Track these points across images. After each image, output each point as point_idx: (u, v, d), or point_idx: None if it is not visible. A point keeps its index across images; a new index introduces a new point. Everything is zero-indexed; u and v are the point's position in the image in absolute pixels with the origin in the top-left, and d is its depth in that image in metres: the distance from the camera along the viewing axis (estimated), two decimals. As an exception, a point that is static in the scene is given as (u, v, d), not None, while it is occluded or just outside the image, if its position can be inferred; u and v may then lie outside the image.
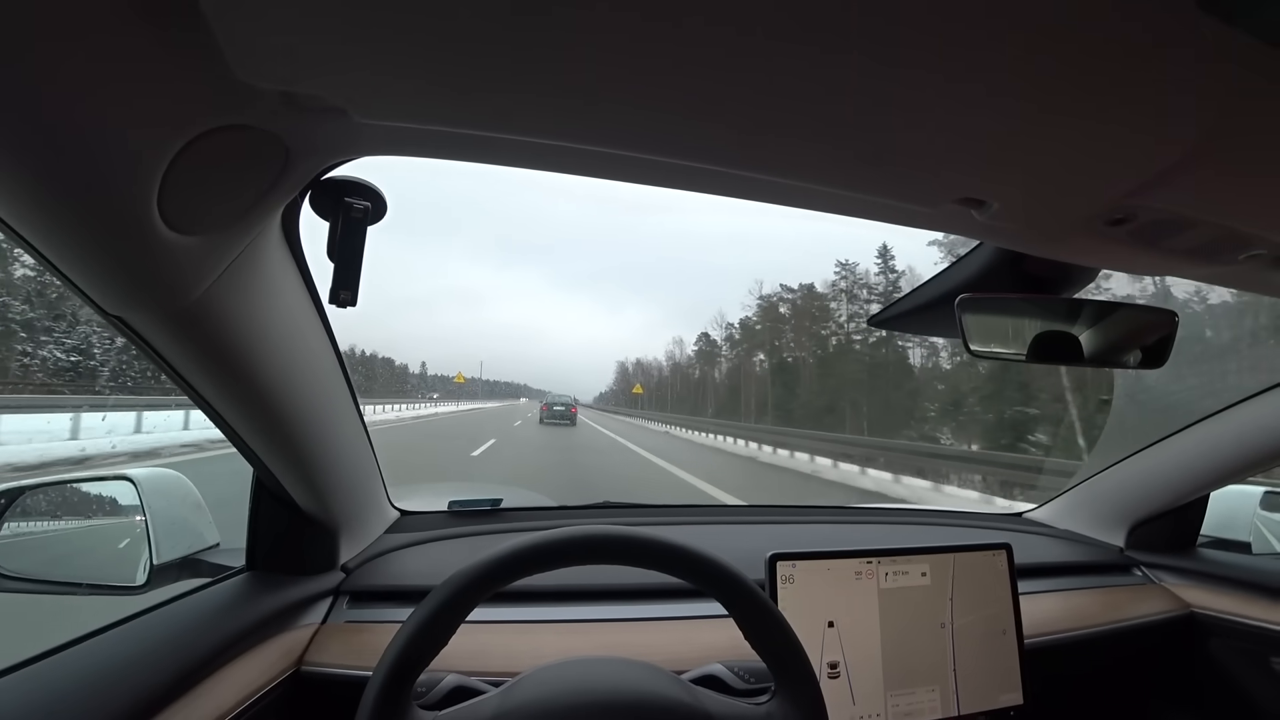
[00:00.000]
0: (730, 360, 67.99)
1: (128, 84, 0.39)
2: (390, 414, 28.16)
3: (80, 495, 1.01)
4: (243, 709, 0.74)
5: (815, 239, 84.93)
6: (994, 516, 1.61)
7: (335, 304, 0.63)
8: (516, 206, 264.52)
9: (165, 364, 0.65)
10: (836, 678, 0.91)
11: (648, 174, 0.57)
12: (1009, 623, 1.01)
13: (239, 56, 0.39)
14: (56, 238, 0.47)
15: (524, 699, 0.64)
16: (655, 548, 0.64)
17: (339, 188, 0.62)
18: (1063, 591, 1.26)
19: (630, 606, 1.03)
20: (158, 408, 14.72)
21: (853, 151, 0.49)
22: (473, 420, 27.53)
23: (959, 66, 0.38)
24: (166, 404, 14.93)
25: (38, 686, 0.62)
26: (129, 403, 16.54)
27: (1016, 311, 0.79)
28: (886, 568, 0.96)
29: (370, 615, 0.97)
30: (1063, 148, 0.46)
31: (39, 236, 0.47)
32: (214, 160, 0.47)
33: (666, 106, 0.43)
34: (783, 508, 1.56)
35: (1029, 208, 0.56)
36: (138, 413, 13.76)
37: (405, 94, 0.44)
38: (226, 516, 1.01)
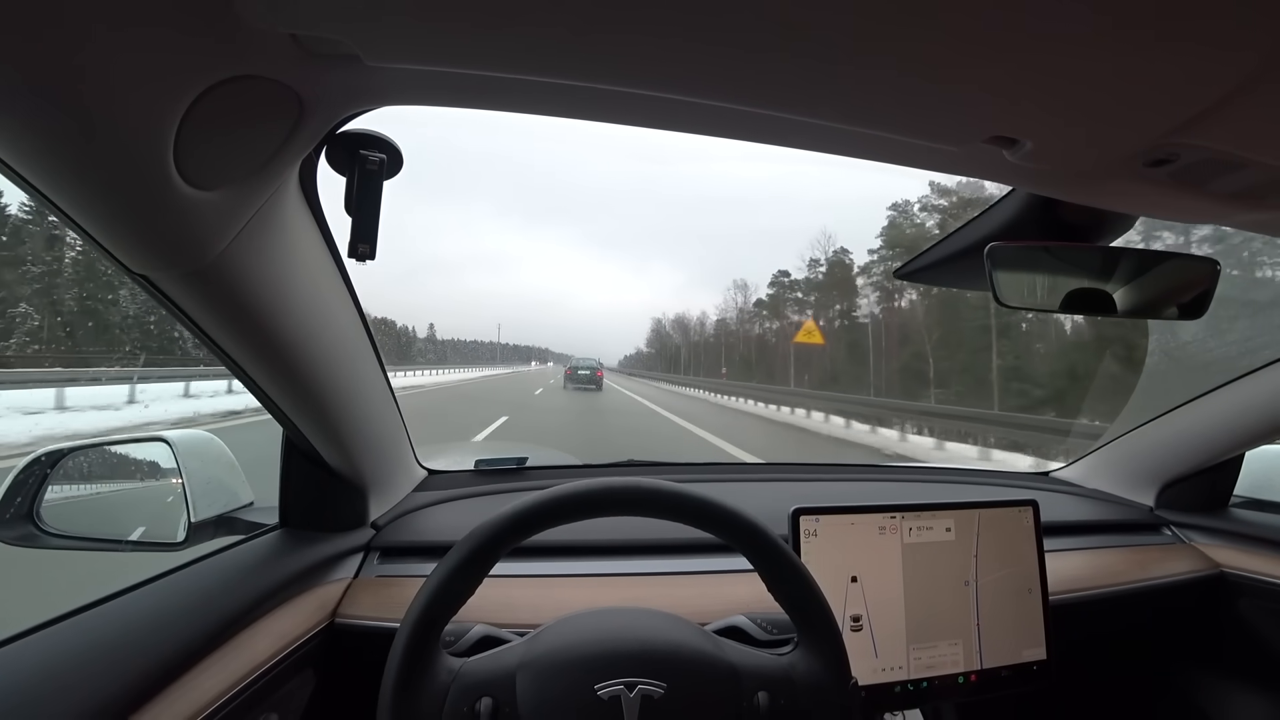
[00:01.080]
0: (785, 322, 60.92)
1: (135, 34, 0.39)
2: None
3: (119, 458, 1.04)
4: (281, 657, 0.77)
5: (858, 197, 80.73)
6: (1020, 475, 1.60)
7: (354, 258, 0.63)
8: (538, 164, 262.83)
9: (192, 323, 0.66)
10: (859, 630, 0.92)
11: (673, 116, 0.55)
12: (1034, 580, 1.00)
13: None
14: (78, 197, 0.48)
15: (548, 646, 0.65)
16: (680, 500, 0.64)
17: (354, 141, 0.62)
18: (1090, 550, 1.25)
19: (653, 561, 1.05)
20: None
21: (876, 85, 0.46)
22: (483, 391, 23.29)
23: None
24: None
25: (86, 636, 0.64)
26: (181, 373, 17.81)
27: (1049, 261, 0.76)
28: (910, 523, 0.96)
29: (400, 570, 1.00)
30: (1105, 77, 0.43)
31: (62, 196, 0.47)
32: (228, 114, 0.47)
33: (692, 38, 0.42)
34: (806, 465, 1.56)
35: (1064, 146, 0.54)
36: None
37: (418, 33, 0.43)
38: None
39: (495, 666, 0.64)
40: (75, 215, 0.49)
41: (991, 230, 0.78)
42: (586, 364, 30.98)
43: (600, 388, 28.44)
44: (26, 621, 0.64)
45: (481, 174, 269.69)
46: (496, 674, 0.63)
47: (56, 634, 0.64)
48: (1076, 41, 0.40)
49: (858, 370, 42.75)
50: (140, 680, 0.61)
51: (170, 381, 16.82)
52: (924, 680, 0.93)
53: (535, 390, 24.38)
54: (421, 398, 17.88)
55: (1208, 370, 1.26)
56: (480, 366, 73.96)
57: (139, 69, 0.40)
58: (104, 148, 0.43)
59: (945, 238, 0.85)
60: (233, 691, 0.68)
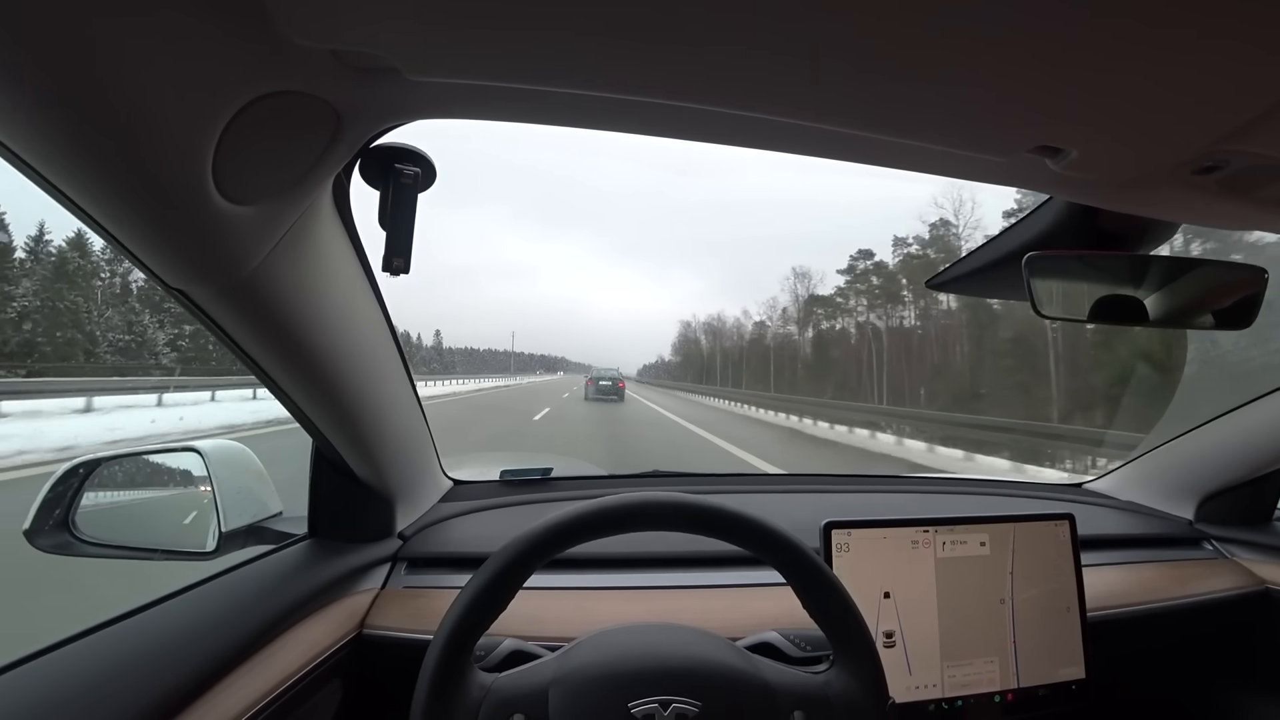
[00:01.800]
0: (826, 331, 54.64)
1: (177, 51, 0.39)
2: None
3: (152, 466, 1.05)
4: (311, 668, 0.77)
5: (888, 203, 77.31)
6: (1053, 487, 1.56)
7: (388, 271, 0.63)
8: (557, 172, 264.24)
9: (226, 337, 0.67)
10: (892, 647, 0.90)
11: (710, 128, 0.55)
12: (1071, 596, 0.98)
13: (283, 13, 0.39)
14: (117, 213, 0.48)
15: (581, 662, 0.65)
16: (713, 514, 0.64)
17: (388, 155, 0.62)
18: (1127, 564, 1.21)
19: (683, 573, 1.04)
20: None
21: (924, 98, 0.46)
22: (481, 408, 18.18)
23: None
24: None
25: (121, 646, 0.65)
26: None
27: (1089, 270, 0.74)
28: (944, 537, 0.94)
29: (427, 581, 1.00)
30: (1156, 84, 0.42)
31: (101, 212, 0.48)
32: (266, 129, 0.47)
33: (732, 50, 0.41)
34: (834, 476, 1.54)
35: (1110, 155, 0.52)
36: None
37: (459, 47, 0.43)
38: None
39: (528, 683, 0.63)
40: (114, 231, 0.50)
41: (1027, 240, 0.77)
42: (608, 374, 30.28)
43: (622, 398, 27.77)
44: (65, 632, 0.65)
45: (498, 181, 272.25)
46: (529, 690, 0.62)
47: (93, 644, 0.65)
48: (1126, 50, 0.39)
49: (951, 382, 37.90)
50: (175, 691, 0.61)
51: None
52: (959, 699, 0.91)
53: (538, 413, 17.11)
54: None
55: (1251, 379, 1.21)
56: (487, 377, 69.73)
57: (180, 85, 0.41)
58: (144, 164, 0.44)
59: (979, 248, 0.83)
60: (264, 702, 0.68)
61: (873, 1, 0.36)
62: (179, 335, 43.34)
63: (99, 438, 8.71)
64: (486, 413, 17.11)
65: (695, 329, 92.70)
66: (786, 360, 58.99)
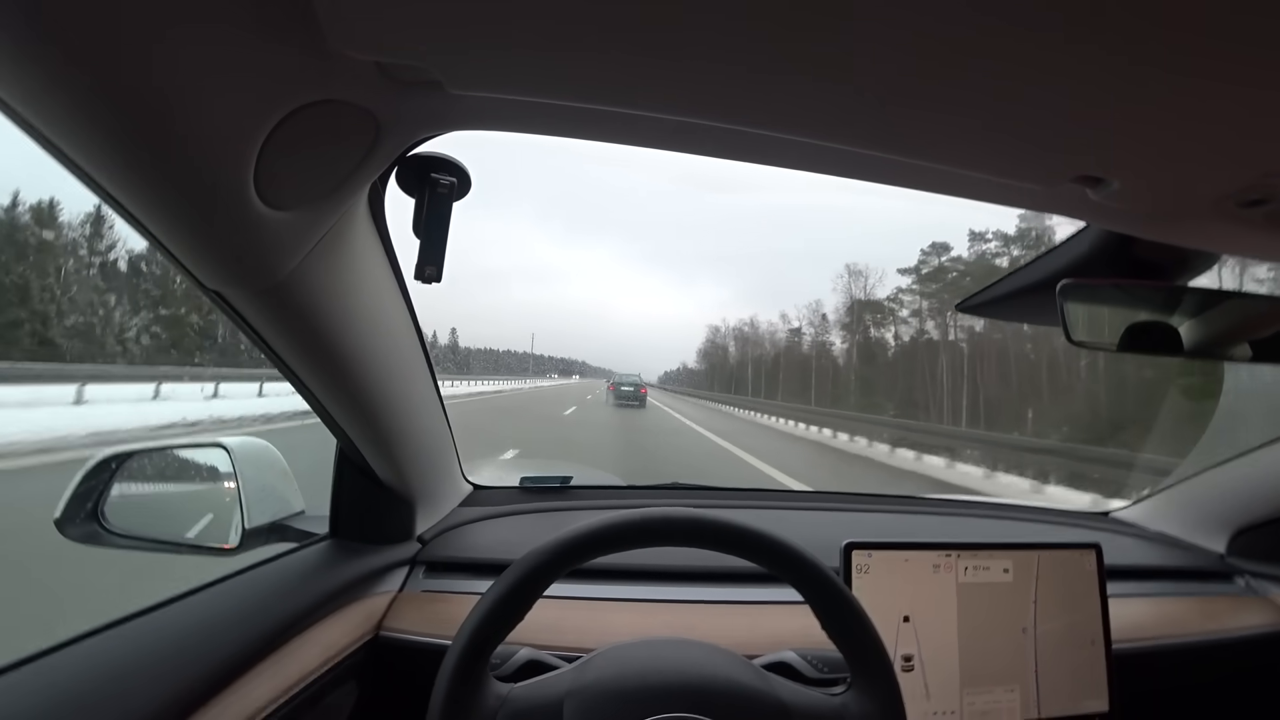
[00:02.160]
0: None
1: (228, 60, 0.40)
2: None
3: (180, 461, 1.07)
4: (328, 669, 0.77)
5: (915, 222, 74.43)
6: (1079, 514, 1.53)
7: (421, 279, 0.64)
8: (586, 178, 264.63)
9: (259, 338, 0.68)
10: (910, 671, 0.89)
11: (744, 148, 0.55)
12: (1096, 628, 0.96)
13: (334, 26, 0.39)
14: (161, 215, 0.49)
15: (597, 676, 0.64)
16: (734, 532, 0.63)
17: (425, 164, 0.63)
18: (1154, 597, 1.18)
19: (701, 588, 1.03)
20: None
21: (965, 124, 0.45)
22: (490, 413, 17.14)
23: (1087, 28, 0.35)
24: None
25: (144, 640, 0.66)
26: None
27: (1125, 299, 0.73)
28: (966, 561, 0.93)
29: (445, 585, 1.00)
30: (1204, 116, 0.42)
31: (145, 213, 0.49)
32: (307, 136, 0.48)
33: (768, 72, 0.41)
34: (855, 495, 1.52)
35: (1154, 186, 0.52)
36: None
37: (501, 62, 0.43)
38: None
39: (543, 694, 0.63)
40: (156, 232, 0.51)
41: (1062, 266, 0.76)
42: (630, 380, 30.44)
43: (644, 405, 27.73)
44: (89, 624, 0.66)
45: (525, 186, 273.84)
46: (544, 702, 0.62)
47: (118, 636, 0.66)
48: (1173, 81, 0.38)
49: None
50: (196, 686, 0.62)
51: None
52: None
53: (564, 411, 18.01)
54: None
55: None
56: (505, 378, 67.54)
57: (229, 93, 0.42)
58: (189, 168, 0.45)
59: (1012, 273, 0.82)
60: (281, 700, 0.69)
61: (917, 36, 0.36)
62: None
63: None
64: (505, 415, 17.07)
65: (724, 334, 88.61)
66: (831, 370, 55.33)
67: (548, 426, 14.69)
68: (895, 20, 0.35)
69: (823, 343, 60.27)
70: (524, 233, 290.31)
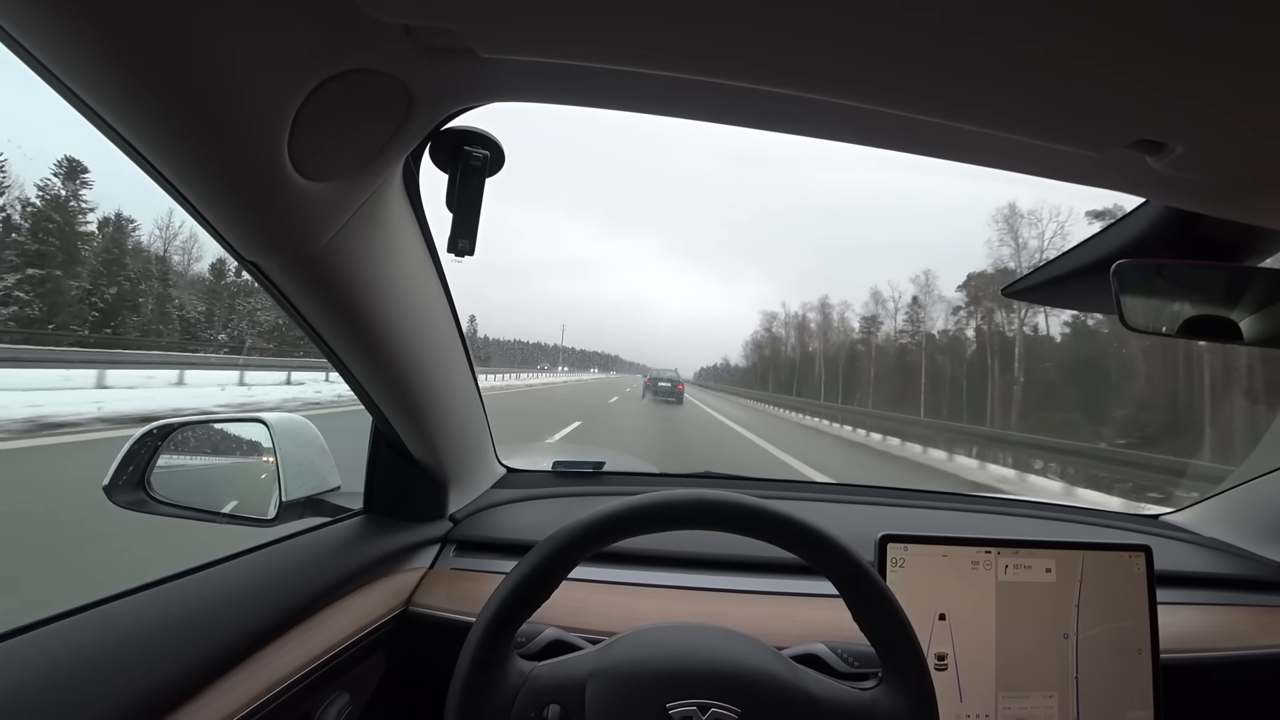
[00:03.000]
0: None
1: (260, 27, 0.40)
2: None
3: (222, 434, 1.10)
4: (357, 639, 0.79)
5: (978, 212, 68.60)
6: (1127, 517, 1.46)
7: (454, 253, 0.64)
8: (626, 164, 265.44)
9: (294, 310, 0.69)
10: (944, 670, 0.86)
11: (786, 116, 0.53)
12: (1143, 636, 0.91)
13: None
14: (199, 186, 0.50)
15: (621, 658, 0.64)
16: (767, 516, 0.62)
17: (458, 137, 0.63)
18: (1206, 605, 1.13)
19: (729, 577, 1.02)
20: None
21: (1011, 82, 0.42)
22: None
23: None
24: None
25: (185, 600, 0.68)
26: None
27: (1187, 282, 0.68)
28: (1007, 560, 0.89)
29: (474, 564, 1.01)
30: (1275, 72, 0.38)
31: (184, 184, 0.50)
32: (340, 106, 0.49)
33: (816, 31, 0.39)
34: (892, 489, 1.48)
35: (1222, 153, 0.48)
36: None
37: (535, 23, 0.43)
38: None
39: (566, 674, 0.63)
40: (195, 202, 0.52)
41: (1116, 247, 0.72)
42: (666, 375, 30.48)
43: (680, 401, 27.84)
44: (133, 583, 0.68)
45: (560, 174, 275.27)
46: (567, 681, 0.62)
47: (157, 596, 0.68)
48: (1245, 30, 0.35)
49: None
50: (231, 646, 0.64)
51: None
52: None
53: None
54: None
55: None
56: (527, 371, 61.55)
57: (261, 63, 0.42)
58: (224, 139, 0.45)
59: (1062, 255, 0.78)
60: (310, 667, 0.70)
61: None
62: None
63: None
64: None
65: (783, 322, 74.07)
66: (950, 373, 42.94)
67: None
68: None
69: (930, 336, 47.57)
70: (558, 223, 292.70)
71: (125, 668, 0.56)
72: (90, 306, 39.34)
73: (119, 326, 39.96)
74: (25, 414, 7.62)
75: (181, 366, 16.84)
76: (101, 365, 13.49)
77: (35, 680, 0.52)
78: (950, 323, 45.75)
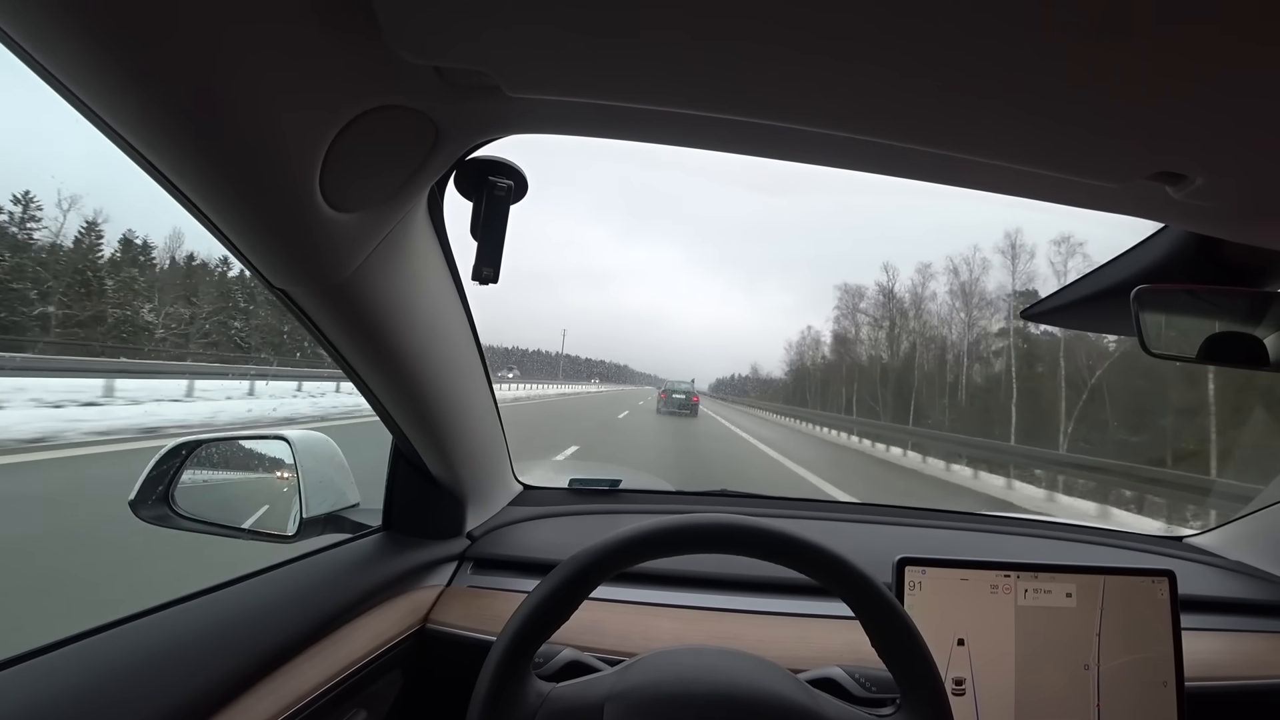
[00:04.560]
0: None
1: (296, 68, 0.42)
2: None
3: (245, 451, 1.12)
4: (375, 656, 0.79)
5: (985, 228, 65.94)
6: (1150, 539, 1.44)
7: (478, 280, 0.66)
8: (642, 182, 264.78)
9: (321, 336, 0.70)
10: (961, 695, 0.85)
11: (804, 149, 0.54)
12: (1168, 668, 0.89)
13: (396, 31, 0.41)
14: (232, 216, 0.52)
15: (640, 681, 0.64)
16: (784, 541, 0.62)
17: (483, 167, 0.64)
18: (1231, 632, 1.10)
19: (747, 598, 1.02)
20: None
21: (1034, 118, 0.43)
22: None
23: (1167, 5, 0.32)
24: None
25: (206, 618, 0.69)
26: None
27: (1207, 306, 0.68)
28: (1027, 584, 0.88)
29: (492, 583, 1.02)
30: None
31: (217, 214, 0.51)
32: (370, 140, 0.50)
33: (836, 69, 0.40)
34: (909, 509, 1.47)
35: (1240, 184, 0.48)
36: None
37: (558, 66, 0.44)
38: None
39: (584, 695, 0.63)
40: (228, 232, 0.53)
41: (1136, 271, 0.72)
42: (681, 388, 29.88)
43: (695, 414, 27.32)
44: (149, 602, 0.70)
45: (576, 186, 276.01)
46: (585, 703, 0.62)
47: (178, 615, 0.69)
48: (1259, 69, 0.36)
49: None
50: (249, 664, 0.64)
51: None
52: None
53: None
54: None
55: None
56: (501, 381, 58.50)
57: (297, 99, 0.44)
58: (260, 173, 0.47)
59: (1082, 278, 0.78)
60: (329, 684, 0.71)
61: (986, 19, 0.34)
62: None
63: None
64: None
65: (806, 342, 64.19)
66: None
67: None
68: (964, 13, 0.34)
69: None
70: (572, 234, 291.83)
71: (149, 684, 0.57)
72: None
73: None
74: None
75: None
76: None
77: (59, 697, 0.53)
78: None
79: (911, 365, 47.22)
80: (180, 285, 46.71)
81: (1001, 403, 37.66)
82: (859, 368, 53.13)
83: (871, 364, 52.25)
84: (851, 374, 53.48)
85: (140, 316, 42.76)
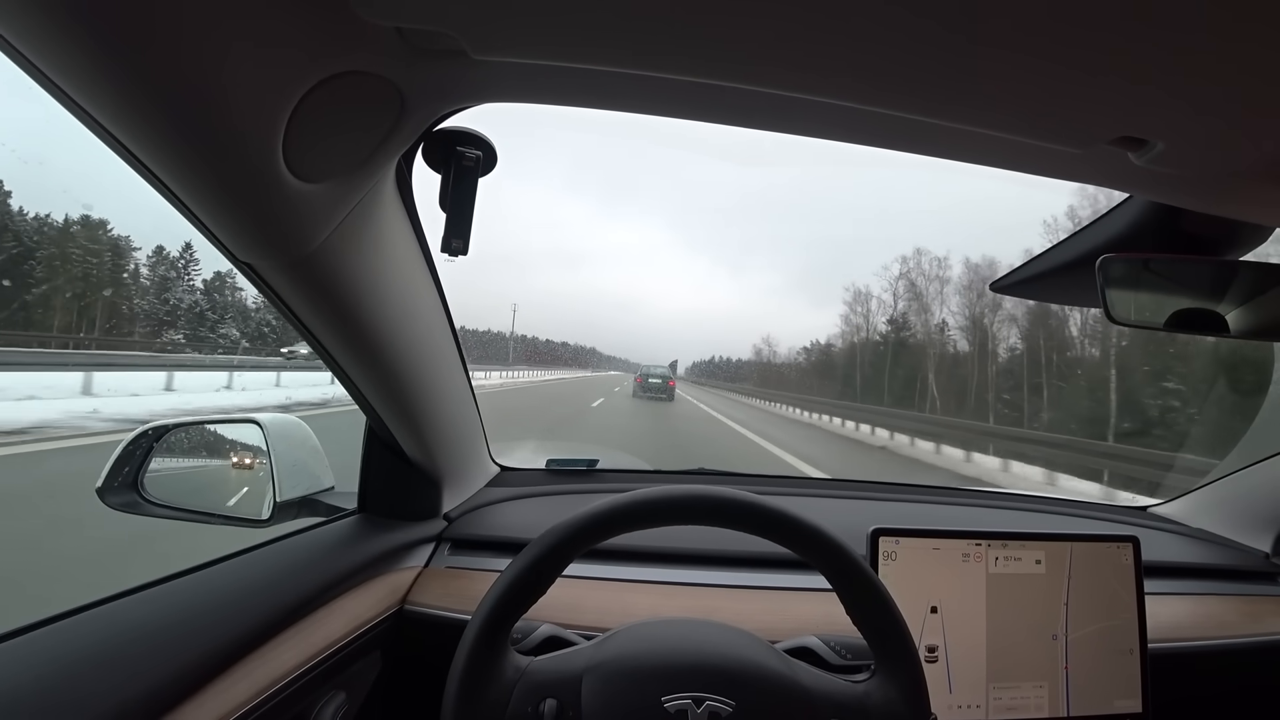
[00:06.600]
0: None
1: (255, 28, 0.40)
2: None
3: (215, 436, 1.10)
4: (353, 638, 0.79)
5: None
6: (1115, 509, 1.48)
7: (447, 253, 0.65)
8: (617, 159, 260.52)
9: (289, 310, 0.69)
10: (934, 662, 0.87)
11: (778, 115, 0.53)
12: (1132, 632, 0.92)
13: None
14: (193, 187, 0.50)
15: (616, 652, 0.64)
16: (759, 511, 0.62)
17: (451, 138, 0.63)
18: (1194, 595, 1.14)
19: (724, 572, 1.03)
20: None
21: (992, 79, 0.43)
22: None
23: None
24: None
25: (178, 601, 0.68)
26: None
27: (1169, 275, 0.69)
28: (997, 552, 0.90)
29: (469, 563, 1.02)
30: (1260, 70, 0.39)
31: (178, 185, 0.50)
32: (333, 109, 0.49)
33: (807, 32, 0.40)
34: (884, 484, 1.50)
35: (1203, 150, 0.49)
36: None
37: (526, 25, 0.43)
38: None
39: (562, 668, 0.63)
40: (190, 204, 0.52)
41: (1102, 242, 0.73)
42: (657, 372, 29.24)
43: (671, 398, 27.16)
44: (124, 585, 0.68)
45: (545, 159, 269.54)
46: (563, 676, 0.62)
47: (151, 598, 0.68)
48: (1224, 28, 0.36)
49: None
50: (225, 646, 0.64)
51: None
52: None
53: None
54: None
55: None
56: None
57: (254, 64, 0.42)
58: (219, 140, 0.45)
59: (1049, 250, 0.79)
60: (306, 666, 0.71)
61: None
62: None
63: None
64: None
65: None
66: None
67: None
68: None
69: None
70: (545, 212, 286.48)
71: (122, 668, 0.56)
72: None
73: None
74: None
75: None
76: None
77: (34, 680, 0.52)
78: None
79: (887, 351, 47.54)
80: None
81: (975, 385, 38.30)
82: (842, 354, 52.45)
83: (851, 350, 51.97)
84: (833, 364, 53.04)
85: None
